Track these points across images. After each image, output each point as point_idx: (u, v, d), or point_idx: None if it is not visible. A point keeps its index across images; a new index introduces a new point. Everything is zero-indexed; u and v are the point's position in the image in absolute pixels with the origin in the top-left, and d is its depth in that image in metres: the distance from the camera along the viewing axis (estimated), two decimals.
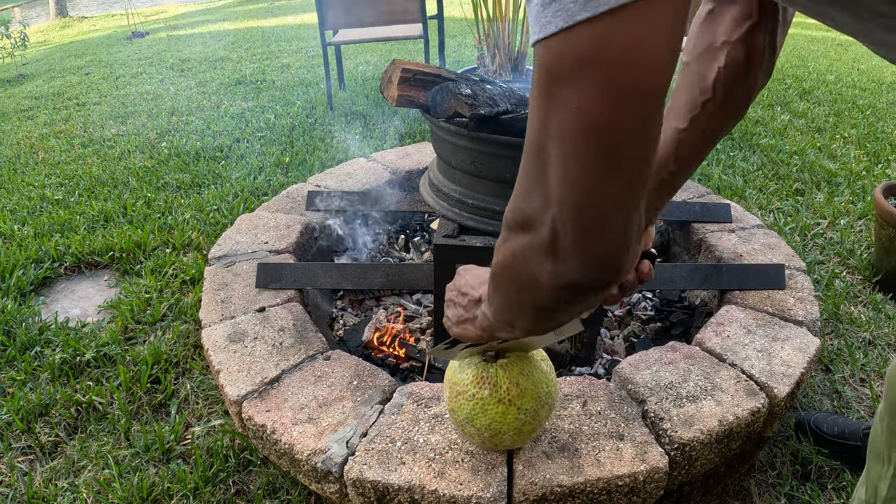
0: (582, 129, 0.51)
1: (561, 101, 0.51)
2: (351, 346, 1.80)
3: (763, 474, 1.52)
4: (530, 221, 0.58)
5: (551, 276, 0.59)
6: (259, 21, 8.85)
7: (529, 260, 0.60)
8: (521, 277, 0.63)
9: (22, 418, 1.70)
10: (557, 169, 0.53)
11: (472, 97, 1.52)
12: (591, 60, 0.49)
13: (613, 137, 0.51)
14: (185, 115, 4.28)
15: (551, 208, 0.55)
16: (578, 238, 0.55)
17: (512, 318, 0.75)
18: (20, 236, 2.64)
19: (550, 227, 0.56)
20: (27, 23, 10.49)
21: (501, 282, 0.70)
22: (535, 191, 0.57)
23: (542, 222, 0.56)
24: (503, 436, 1.16)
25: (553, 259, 0.57)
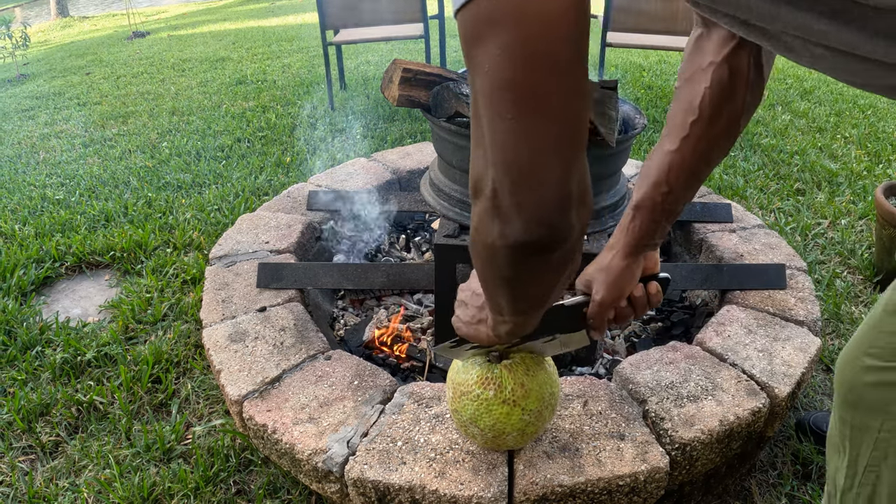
0: (496, 89, 0.53)
1: (476, 64, 0.53)
2: (352, 346, 1.80)
3: (764, 474, 1.52)
4: (478, 186, 0.59)
5: (500, 237, 0.59)
6: (260, 21, 8.85)
7: (484, 225, 0.61)
8: (482, 247, 0.64)
9: (23, 418, 1.70)
10: (488, 131, 0.55)
11: None
12: (492, 21, 0.51)
13: (527, 95, 0.52)
14: (185, 114, 4.28)
15: (489, 169, 0.56)
16: (514, 196, 0.56)
17: (495, 302, 0.76)
18: (21, 236, 2.64)
19: (492, 187, 0.57)
20: (28, 23, 10.50)
21: (475, 260, 0.70)
22: (478, 155, 0.58)
23: (486, 184, 0.57)
24: (506, 436, 1.16)
25: (499, 219, 0.58)
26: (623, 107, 1.68)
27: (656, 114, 3.93)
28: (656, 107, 4.07)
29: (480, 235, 0.63)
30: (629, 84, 4.60)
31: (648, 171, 1.00)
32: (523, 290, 0.70)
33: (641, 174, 1.03)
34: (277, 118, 4.05)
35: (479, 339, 0.99)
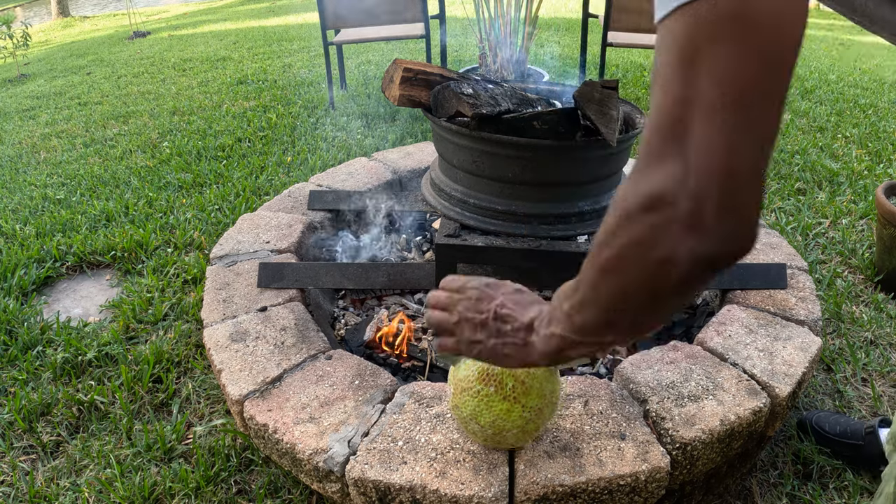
0: (727, 94, 0.51)
1: (704, 68, 0.51)
2: (352, 346, 1.80)
3: (765, 474, 1.52)
4: (664, 199, 0.55)
5: (690, 251, 0.56)
6: (261, 21, 8.85)
7: (662, 239, 0.57)
8: (646, 262, 0.59)
9: (24, 418, 1.70)
10: (700, 138, 0.52)
11: (474, 96, 1.52)
12: (734, 22, 0.49)
13: (756, 101, 0.51)
14: (186, 114, 4.28)
15: (690, 180, 0.53)
16: (722, 206, 0.53)
17: (615, 320, 0.70)
18: (22, 236, 2.64)
19: (692, 198, 0.53)
20: (29, 22, 10.50)
21: (612, 276, 0.65)
22: (670, 165, 0.54)
23: (680, 196, 0.54)
24: (506, 433, 1.16)
25: (694, 232, 0.55)
26: (624, 107, 1.68)
27: None
28: None
29: (649, 250, 0.58)
30: (630, 84, 4.60)
31: None
32: (666, 308, 0.66)
33: None
34: (278, 118, 4.05)
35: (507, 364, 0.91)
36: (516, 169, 1.49)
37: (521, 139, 1.45)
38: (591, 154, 1.48)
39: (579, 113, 1.52)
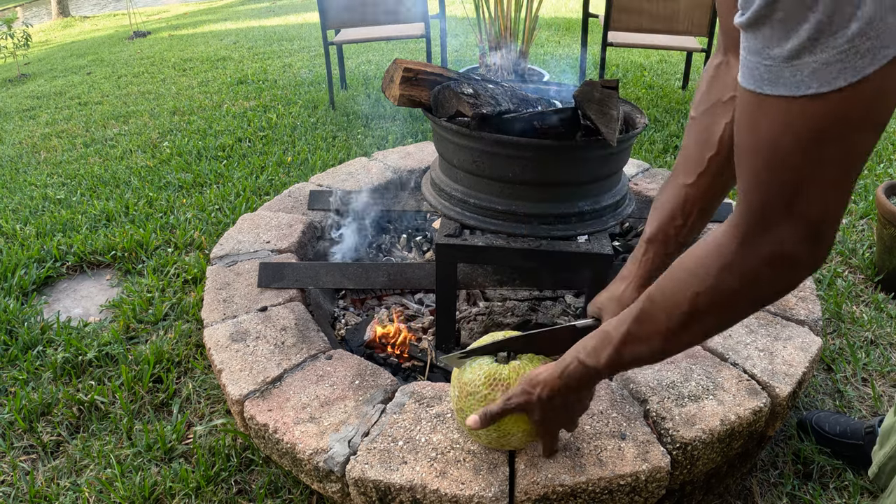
0: (851, 168, 0.60)
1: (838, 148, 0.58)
2: (353, 346, 1.80)
3: (765, 474, 1.52)
4: (788, 254, 0.65)
5: (797, 283, 0.69)
6: (261, 20, 8.85)
7: (781, 283, 0.69)
8: (763, 302, 0.72)
9: (24, 417, 1.70)
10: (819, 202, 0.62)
11: (474, 96, 1.52)
12: (873, 109, 0.55)
13: (862, 166, 0.61)
14: (186, 114, 4.28)
15: (811, 234, 0.64)
16: (827, 247, 0.65)
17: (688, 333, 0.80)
18: (22, 236, 2.64)
19: (811, 248, 0.64)
20: (30, 22, 10.50)
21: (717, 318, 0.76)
22: (785, 229, 0.64)
23: (802, 250, 0.65)
24: (512, 437, 1.16)
25: (808, 270, 0.67)
26: (624, 106, 1.68)
27: (657, 113, 3.93)
28: (657, 106, 4.07)
29: (773, 294, 0.71)
30: (630, 84, 4.59)
31: (662, 205, 1.00)
32: (748, 313, 0.76)
33: (654, 207, 1.03)
34: (278, 118, 4.05)
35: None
36: (516, 169, 1.49)
37: (521, 139, 1.45)
38: (592, 154, 1.48)
39: (579, 113, 1.52)
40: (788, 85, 0.56)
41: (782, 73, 0.56)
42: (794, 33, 0.54)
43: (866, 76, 0.52)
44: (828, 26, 0.52)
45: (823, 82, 0.54)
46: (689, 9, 3.61)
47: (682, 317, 0.77)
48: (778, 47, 0.55)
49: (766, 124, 0.59)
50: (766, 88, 0.57)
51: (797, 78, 0.55)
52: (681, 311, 0.76)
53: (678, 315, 0.77)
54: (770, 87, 0.57)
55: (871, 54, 0.52)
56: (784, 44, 0.55)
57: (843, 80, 0.53)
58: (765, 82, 0.57)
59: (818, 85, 0.54)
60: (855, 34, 0.51)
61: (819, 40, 0.52)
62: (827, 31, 0.52)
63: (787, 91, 0.56)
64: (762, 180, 0.62)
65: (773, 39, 0.55)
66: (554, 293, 1.95)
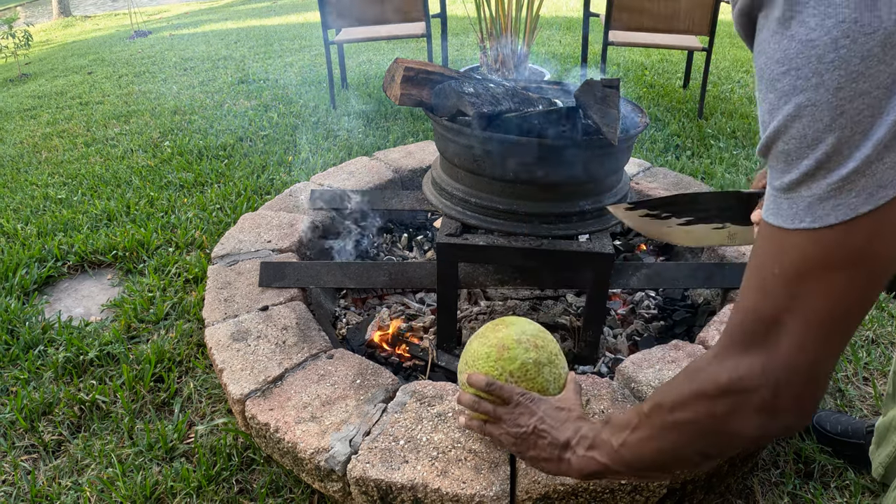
0: (836, 310, 0.57)
1: (816, 287, 0.56)
2: (354, 345, 1.80)
3: (766, 473, 1.52)
4: (744, 386, 0.63)
5: (760, 429, 0.64)
6: (262, 20, 8.85)
7: (736, 419, 0.65)
8: (716, 433, 0.68)
9: (25, 417, 1.70)
10: (795, 340, 0.59)
11: (475, 95, 1.52)
12: (866, 250, 0.54)
13: (857, 317, 0.58)
14: (187, 114, 4.28)
15: (776, 372, 0.60)
16: (798, 397, 0.61)
17: (664, 463, 0.78)
18: (23, 235, 2.64)
19: (772, 389, 0.61)
20: (31, 22, 10.51)
21: (677, 435, 0.73)
22: (754, 356, 0.62)
23: (760, 385, 0.62)
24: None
25: (767, 416, 0.63)
26: (625, 105, 1.67)
27: (658, 112, 3.92)
28: (658, 105, 4.06)
29: (720, 425, 0.66)
30: (631, 83, 4.59)
31: None
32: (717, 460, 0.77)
33: None
34: (279, 117, 4.05)
35: (548, 472, 1.00)
36: (517, 168, 1.49)
37: (522, 138, 1.45)
38: (593, 153, 1.48)
39: (580, 112, 1.51)
40: (784, 216, 0.56)
41: (781, 204, 0.56)
42: (794, 167, 0.54)
43: (860, 215, 0.52)
44: (825, 164, 0.52)
45: (816, 217, 0.54)
46: (691, 8, 3.60)
47: (650, 409, 0.77)
48: (779, 179, 0.56)
49: (761, 250, 0.60)
50: (770, 218, 0.58)
51: (793, 210, 0.55)
52: (654, 402, 0.76)
53: (649, 408, 0.77)
54: (773, 218, 0.58)
55: (867, 193, 0.52)
56: (784, 176, 0.55)
57: (834, 217, 0.53)
58: (770, 212, 0.58)
59: (811, 220, 0.54)
60: (851, 172, 0.51)
61: (815, 176, 0.53)
62: (824, 168, 0.52)
63: (782, 222, 0.57)
64: (745, 306, 0.62)
65: (776, 170, 0.56)
66: (555, 292, 1.95)
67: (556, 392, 1.20)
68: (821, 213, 0.54)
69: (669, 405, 0.73)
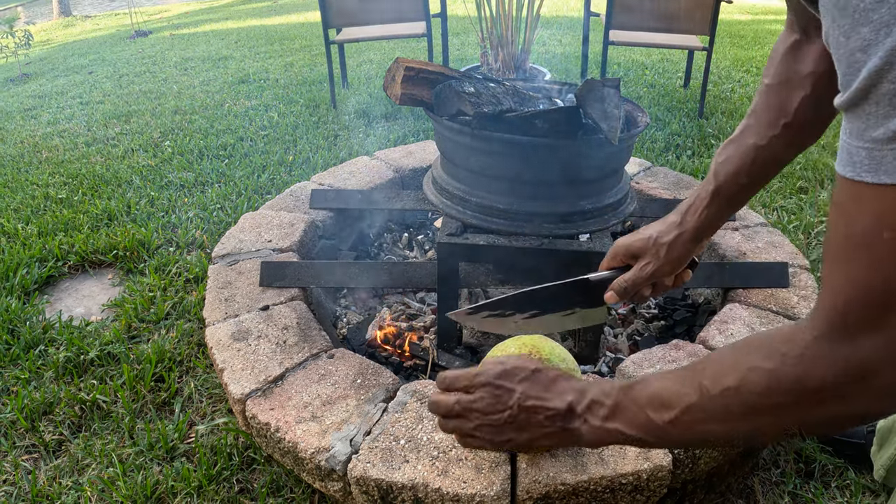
0: None
1: None
2: (354, 345, 1.80)
3: (766, 472, 1.52)
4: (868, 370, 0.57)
5: (879, 411, 0.61)
6: (262, 20, 8.85)
7: (854, 404, 0.59)
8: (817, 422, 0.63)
9: (26, 417, 1.70)
10: None
11: (476, 95, 1.52)
12: None
13: None
14: (188, 113, 4.28)
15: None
16: None
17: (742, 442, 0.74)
18: (24, 235, 2.64)
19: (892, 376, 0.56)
20: (31, 21, 10.51)
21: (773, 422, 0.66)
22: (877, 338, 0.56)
23: (886, 367, 0.56)
24: None
25: (892, 397, 0.58)
26: (625, 105, 1.67)
27: (658, 112, 3.92)
28: (658, 105, 4.06)
29: (824, 413, 0.61)
30: (631, 82, 4.59)
31: (728, 160, 1.00)
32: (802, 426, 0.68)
33: (720, 163, 1.01)
34: (280, 117, 4.05)
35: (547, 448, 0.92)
36: (518, 168, 1.49)
37: (522, 138, 1.45)
38: (593, 152, 1.48)
39: (581, 111, 1.51)
40: (891, 171, 0.48)
41: (885, 157, 0.48)
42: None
43: None
44: None
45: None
46: (691, 8, 3.60)
47: (722, 390, 0.66)
48: (882, 127, 0.48)
49: (864, 217, 0.52)
50: (866, 176, 0.50)
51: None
52: (723, 382, 0.66)
53: (719, 387, 0.67)
54: (870, 175, 0.50)
55: None
56: (888, 122, 0.47)
57: None
58: (864, 168, 0.50)
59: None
60: None
61: None
62: None
63: (888, 178, 0.49)
64: (853, 280, 0.55)
65: (876, 118, 0.48)
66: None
67: None
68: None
69: (762, 393, 0.63)
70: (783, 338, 0.63)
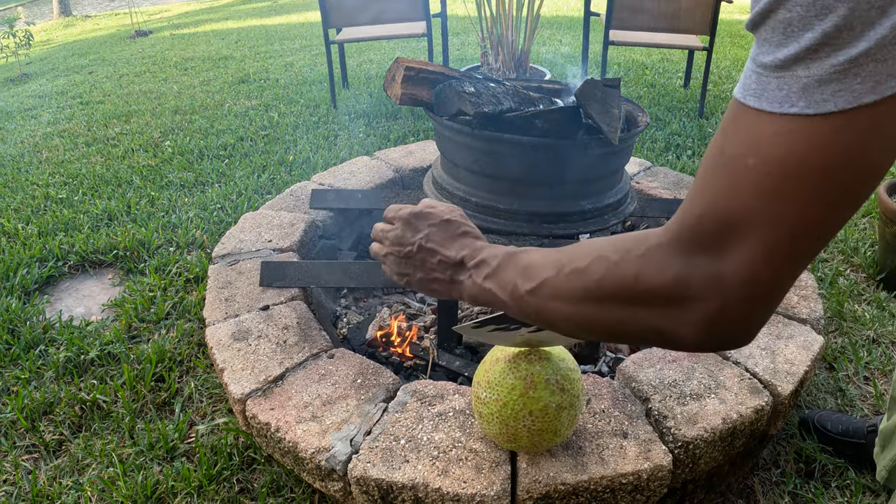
0: (814, 219, 0.49)
1: (806, 187, 0.49)
2: (355, 345, 1.80)
3: (767, 472, 1.52)
4: (691, 294, 0.55)
5: (694, 341, 0.57)
6: (262, 19, 8.85)
7: (673, 324, 0.58)
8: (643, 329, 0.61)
9: (26, 417, 1.71)
10: (761, 250, 0.51)
11: (476, 95, 1.52)
12: (860, 150, 0.47)
13: (832, 232, 0.50)
14: (188, 113, 4.28)
15: (729, 284, 0.53)
16: (749, 315, 0.55)
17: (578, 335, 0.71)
18: (24, 235, 2.64)
19: (721, 302, 0.54)
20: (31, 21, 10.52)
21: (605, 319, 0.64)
22: (712, 261, 0.54)
23: (708, 297, 0.54)
24: (520, 437, 1.17)
25: (707, 329, 0.56)
26: (625, 105, 1.67)
27: (659, 112, 3.92)
28: (659, 105, 4.06)
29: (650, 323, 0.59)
30: (632, 82, 4.59)
31: None
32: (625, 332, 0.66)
33: None
34: (280, 117, 4.05)
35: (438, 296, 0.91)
36: (518, 168, 1.49)
37: (522, 138, 1.45)
38: (593, 152, 1.48)
39: (581, 111, 1.51)
40: (771, 98, 0.48)
41: (768, 83, 0.49)
42: (793, 40, 0.47)
43: (862, 105, 0.45)
44: (833, 39, 0.45)
45: (812, 102, 0.47)
46: (691, 7, 3.60)
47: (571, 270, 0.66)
48: (771, 55, 0.48)
49: (738, 140, 0.51)
50: (750, 100, 0.50)
51: (783, 92, 0.48)
52: (575, 265, 0.66)
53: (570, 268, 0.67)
54: (754, 99, 0.49)
55: (874, 81, 0.45)
56: (779, 50, 0.47)
57: (833, 104, 0.46)
58: (750, 92, 0.50)
59: (805, 104, 0.47)
60: (860, 54, 0.44)
61: (818, 53, 0.46)
62: (830, 45, 0.45)
63: (767, 105, 0.48)
64: (706, 198, 0.54)
65: (769, 44, 0.49)
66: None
67: (568, 433, 1.21)
68: (818, 98, 0.46)
69: (599, 280, 0.63)
70: (636, 237, 0.62)
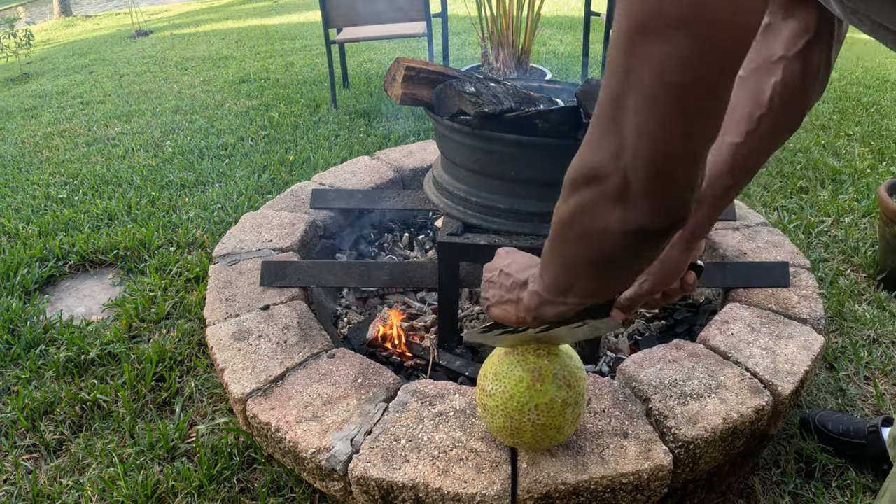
0: (666, 84, 0.51)
1: (648, 54, 0.50)
2: (355, 344, 1.80)
3: (767, 472, 1.52)
4: (599, 173, 0.59)
5: (620, 222, 0.60)
6: (263, 19, 8.85)
7: (598, 210, 0.61)
8: (586, 229, 0.65)
9: (27, 416, 1.71)
10: (633, 120, 0.54)
11: (476, 95, 1.52)
12: (691, 14, 0.48)
13: (695, 93, 0.51)
14: (189, 113, 4.28)
15: (624, 158, 0.56)
16: (649, 185, 0.57)
17: (572, 282, 0.76)
18: (25, 235, 2.64)
19: (622, 175, 0.57)
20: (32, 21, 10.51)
21: (563, 241, 0.70)
22: (607, 142, 0.57)
23: (612, 172, 0.58)
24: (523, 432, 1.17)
25: (623, 206, 0.59)
26: None
27: None
28: None
29: (587, 219, 0.63)
30: None
31: (710, 166, 0.99)
32: (617, 274, 0.71)
33: None
34: (280, 116, 4.05)
35: (508, 319, 0.99)
36: (519, 167, 1.49)
37: (523, 137, 1.45)
38: None
39: (581, 111, 1.51)
40: None
41: None
42: None
43: None
44: None
45: None
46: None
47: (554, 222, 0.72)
48: None
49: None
50: None
51: None
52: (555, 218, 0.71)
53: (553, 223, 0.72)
54: None
55: None
56: None
57: None
58: None
59: None
60: None
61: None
62: None
63: None
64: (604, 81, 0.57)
65: None
66: None
67: (571, 432, 1.20)
68: None
69: (556, 210, 0.69)
70: None
